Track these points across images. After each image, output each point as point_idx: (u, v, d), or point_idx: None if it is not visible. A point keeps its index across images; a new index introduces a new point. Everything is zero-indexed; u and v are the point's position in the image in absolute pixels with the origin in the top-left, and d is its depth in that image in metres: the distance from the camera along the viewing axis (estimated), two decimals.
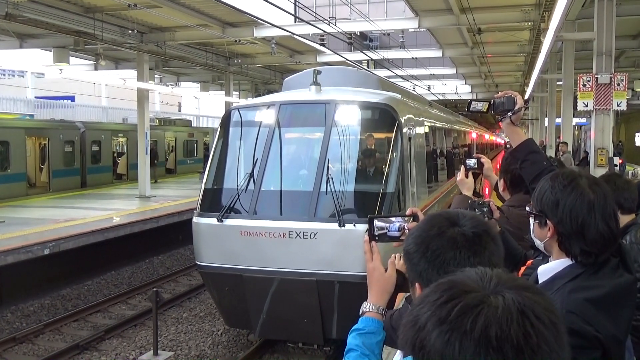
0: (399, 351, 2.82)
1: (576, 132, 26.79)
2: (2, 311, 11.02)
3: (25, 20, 14.68)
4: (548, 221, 1.92)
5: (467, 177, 3.58)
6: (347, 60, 21.70)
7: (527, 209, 2.07)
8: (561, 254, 1.93)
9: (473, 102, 3.00)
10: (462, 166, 3.62)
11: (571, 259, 1.89)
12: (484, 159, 3.70)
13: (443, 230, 1.50)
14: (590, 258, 1.84)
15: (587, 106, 10.53)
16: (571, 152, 17.47)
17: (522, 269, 2.56)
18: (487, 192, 12.22)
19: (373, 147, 8.71)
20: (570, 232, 1.85)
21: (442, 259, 1.45)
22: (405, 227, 2.15)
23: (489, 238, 1.52)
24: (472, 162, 3.62)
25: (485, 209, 3.03)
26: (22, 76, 40.41)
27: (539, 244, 2.04)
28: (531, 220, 2.06)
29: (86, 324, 10.57)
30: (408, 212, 2.29)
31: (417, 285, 1.50)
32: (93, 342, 9.45)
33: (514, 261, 2.78)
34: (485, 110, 2.94)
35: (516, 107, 2.80)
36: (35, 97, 32.81)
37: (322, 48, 20.39)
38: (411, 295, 1.55)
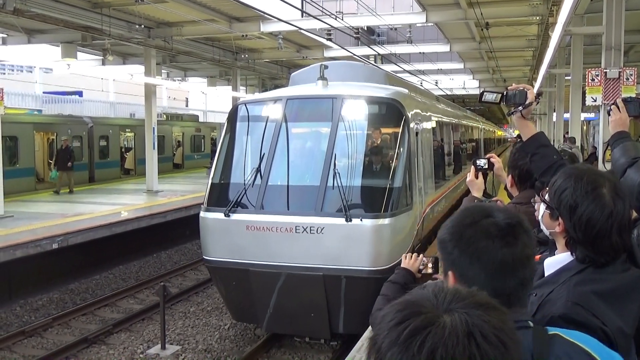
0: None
1: (584, 128, 26.61)
2: (11, 305, 11.10)
3: (33, 15, 14.73)
4: (560, 217, 1.90)
5: (477, 177, 3.54)
6: (354, 55, 21.65)
7: (535, 200, 2.05)
8: (567, 248, 1.92)
9: (486, 92, 2.99)
10: (472, 166, 3.58)
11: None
12: (495, 159, 3.65)
13: (477, 220, 1.51)
14: (594, 262, 1.83)
15: (595, 101, 10.45)
16: (579, 148, 17.36)
17: None
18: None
19: (380, 142, 8.70)
20: (583, 239, 1.84)
21: (475, 247, 1.46)
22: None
23: (523, 230, 1.52)
24: (482, 162, 3.57)
25: None
26: (30, 71, 40.64)
27: (545, 230, 2.04)
28: (542, 206, 2.05)
29: (94, 318, 10.63)
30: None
31: (450, 274, 1.50)
32: (101, 336, 9.50)
33: None
34: (497, 102, 2.94)
35: (527, 102, 2.79)
36: (43, 93, 33.00)
37: (329, 43, 20.37)
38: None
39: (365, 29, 25.70)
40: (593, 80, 10.34)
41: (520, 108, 2.81)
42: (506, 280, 1.46)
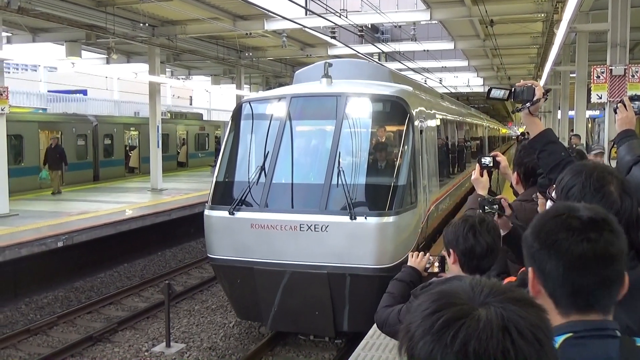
0: None
1: (589, 125, 26.53)
2: (16, 303, 11.14)
3: (37, 14, 14.76)
4: None
5: (482, 175, 3.52)
6: (358, 53, 21.61)
7: (537, 195, 2.04)
8: None
9: (493, 89, 2.97)
10: (477, 164, 3.56)
11: None
12: (500, 157, 3.63)
13: (560, 214, 1.48)
14: None
15: (600, 98, 10.40)
16: (584, 145, 17.29)
17: None
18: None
19: (384, 140, 8.69)
20: None
21: (554, 238, 1.42)
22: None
23: (608, 227, 1.45)
24: (487, 160, 3.55)
25: (495, 206, 3.00)
26: (35, 70, 40.75)
27: None
28: (548, 203, 2.03)
29: (99, 316, 10.66)
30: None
31: (530, 270, 1.46)
32: (106, 334, 9.52)
33: None
34: (505, 98, 2.92)
35: (535, 98, 2.77)
36: (48, 91, 33.07)
37: (333, 41, 20.36)
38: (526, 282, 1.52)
39: (370, 26, 25.65)
40: (598, 77, 10.29)
41: (528, 104, 2.79)
42: (585, 276, 1.39)
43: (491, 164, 3.54)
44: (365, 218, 7.46)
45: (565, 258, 1.39)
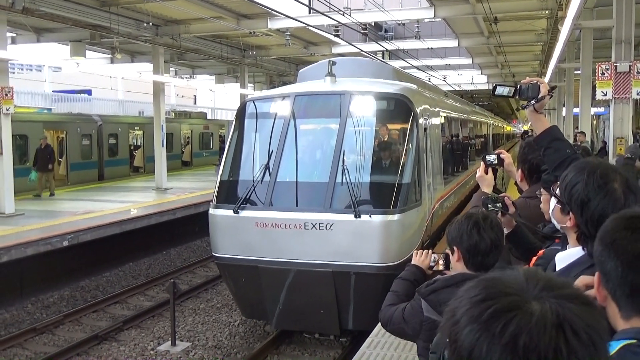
0: None
1: (594, 122, 26.41)
2: (22, 302, 11.18)
3: (41, 14, 14.80)
4: (571, 212, 1.88)
5: (486, 173, 3.51)
6: (362, 51, 21.59)
7: (541, 191, 2.03)
8: (578, 242, 1.91)
9: (499, 86, 2.96)
10: (482, 162, 3.55)
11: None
12: (504, 154, 3.62)
13: (623, 215, 1.49)
14: None
15: (605, 95, 10.37)
16: (589, 142, 17.23)
17: (534, 259, 2.53)
18: None
19: (388, 138, 8.68)
20: (594, 234, 1.81)
21: (614, 237, 1.41)
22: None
23: None
24: (491, 157, 3.54)
25: (499, 204, 2.99)
26: (40, 70, 40.87)
27: (557, 224, 2.02)
28: (553, 200, 2.03)
29: (105, 315, 10.69)
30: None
31: (596, 275, 1.44)
32: (112, 333, 9.56)
33: (531, 255, 2.75)
34: (510, 95, 2.91)
35: (540, 95, 2.76)
36: (53, 91, 33.17)
37: (336, 39, 20.31)
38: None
39: (373, 24, 25.62)
40: (603, 74, 10.26)
41: (533, 102, 2.78)
42: None
43: (496, 162, 3.53)
44: (370, 216, 7.46)
45: (623, 257, 1.36)
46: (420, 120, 8.61)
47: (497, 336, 0.84)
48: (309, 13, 18.10)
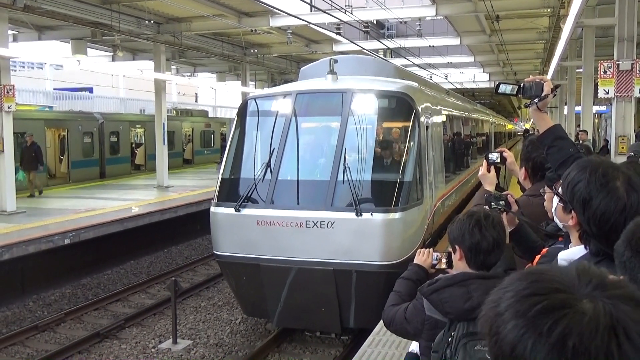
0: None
1: (596, 120, 26.38)
2: (24, 300, 11.19)
3: (43, 12, 14.80)
4: (573, 211, 1.87)
5: (489, 171, 3.50)
6: (364, 49, 21.57)
7: (545, 189, 2.02)
8: (580, 241, 1.90)
9: (502, 84, 2.94)
10: (484, 160, 3.54)
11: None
12: (507, 153, 3.61)
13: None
14: (607, 256, 1.79)
15: (608, 93, 10.34)
16: (591, 141, 17.21)
17: (537, 257, 2.53)
18: None
19: (390, 136, 8.67)
20: (596, 233, 1.80)
21: None
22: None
23: None
24: (494, 156, 3.52)
25: (502, 202, 2.98)
26: (41, 68, 40.82)
27: (559, 223, 2.01)
28: (555, 199, 2.02)
29: (106, 313, 10.70)
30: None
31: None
32: (113, 331, 9.56)
33: (534, 253, 2.74)
34: (514, 93, 2.90)
35: (543, 94, 2.75)
36: (54, 89, 33.12)
37: (338, 37, 20.28)
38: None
39: (375, 22, 25.60)
40: (605, 72, 10.23)
41: (537, 100, 2.77)
42: None
43: (498, 160, 3.52)
44: (371, 214, 7.45)
45: None
46: (422, 119, 8.60)
47: (544, 335, 0.80)
48: (311, 11, 18.07)
